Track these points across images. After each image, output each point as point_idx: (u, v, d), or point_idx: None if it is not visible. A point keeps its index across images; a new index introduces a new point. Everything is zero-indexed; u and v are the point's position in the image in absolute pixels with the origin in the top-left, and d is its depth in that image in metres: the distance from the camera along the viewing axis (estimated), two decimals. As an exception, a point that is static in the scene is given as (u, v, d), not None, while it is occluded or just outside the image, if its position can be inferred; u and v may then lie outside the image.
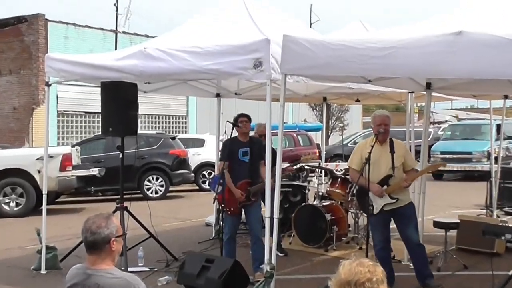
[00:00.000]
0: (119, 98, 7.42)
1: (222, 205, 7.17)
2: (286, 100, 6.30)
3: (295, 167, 9.00)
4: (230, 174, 7.18)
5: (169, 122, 29.96)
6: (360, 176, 6.36)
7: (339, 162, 21.41)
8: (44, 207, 7.83)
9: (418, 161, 7.46)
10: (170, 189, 17.56)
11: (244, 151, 7.18)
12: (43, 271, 7.82)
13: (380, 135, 6.38)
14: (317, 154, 20.98)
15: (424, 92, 7.87)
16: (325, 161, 13.94)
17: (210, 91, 10.20)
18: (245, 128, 7.24)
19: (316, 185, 9.80)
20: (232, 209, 7.20)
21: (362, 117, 43.14)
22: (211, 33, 7.00)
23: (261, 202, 7.17)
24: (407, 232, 6.41)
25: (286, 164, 8.49)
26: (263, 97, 6.16)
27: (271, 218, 5.92)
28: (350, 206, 9.29)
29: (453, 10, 5.98)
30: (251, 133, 7.73)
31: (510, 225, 7.69)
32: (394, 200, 6.40)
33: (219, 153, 7.82)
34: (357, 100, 11.04)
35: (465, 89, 8.10)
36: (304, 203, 9.60)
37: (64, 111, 25.36)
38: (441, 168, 7.96)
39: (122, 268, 6.69)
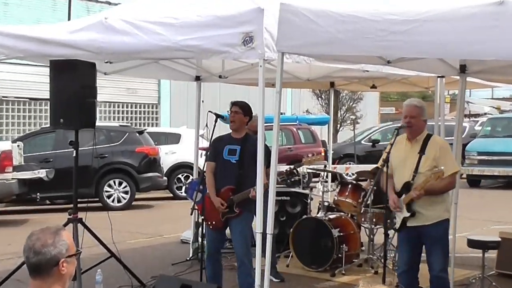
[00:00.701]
0: (73, 81, 7.44)
1: (202, 217, 7.22)
2: (284, 85, 6.33)
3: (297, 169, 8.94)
4: (214, 177, 7.26)
5: (135, 112, 30.17)
6: (388, 179, 6.49)
7: (350, 164, 21.71)
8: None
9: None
10: (137, 196, 17.69)
11: (231, 149, 7.22)
12: (-29, 301, 7.76)
13: (406, 129, 6.45)
14: (323, 154, 21.24)
15: (457, 77, 7.86)
16: (333, 163, 13.97)
17: (188, 73, 10.21)
18: (232, 119, 7.25)
19: (320, 193, 9.79)
20: (214, 222, 7.25)
21: (380, 108, 43.29)
22: (190, 1, 7.01)
23: (252, 214, 7.12)
24: (429, 258, 6.50)
25: (284, 167, 8.31)
26: (255, 81, 6.20)
27: (263, 234, 5.96)
28: (363, 219, 9.30)
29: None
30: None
31: None
32: (410, 214, 6.44)
33: (200, 152, 8.15)
34: (373, 86, 11.09)
35: (509, 74, 8.06)
36: (305, 216, 9.65)
37: (3, 97, 25.30)
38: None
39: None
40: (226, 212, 7.12)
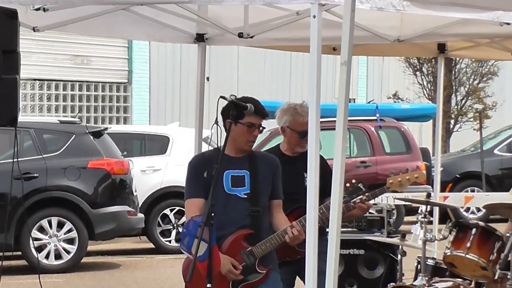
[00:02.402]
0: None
1: (209, 285, 5.94)
2: (356, 50, 6.12)
3: (373, 201, 7.93)
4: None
5: (89, 97, 23.48)
6: None
7: (474, 191, 17.41)
8: None
9: None
10: (90, 248, 14.36)
11: (235, 176, 6.33)
12: None
13: None
14: (424, 172, 16.54)
15: None
16: (442, 190, 12.85)
17: (183, 30, 8.42)
18: (253, 140, 6.32)
19: (420, 243, 7.85)
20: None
21: None
22: None
23: (278, 278, 6.32)
24: None
25: (358, 197, 6.94)
26: (302, 43, 6.32)
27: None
28: None
29: None
30: (270, 126, 7.37)
31: None
32: None
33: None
34: None
35: None
36: (392, 284, 7.95)
37: None
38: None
39: None
40: (240, 279, 6.17)
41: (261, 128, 6.33)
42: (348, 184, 6.73)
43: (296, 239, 5.91)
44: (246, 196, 6.34)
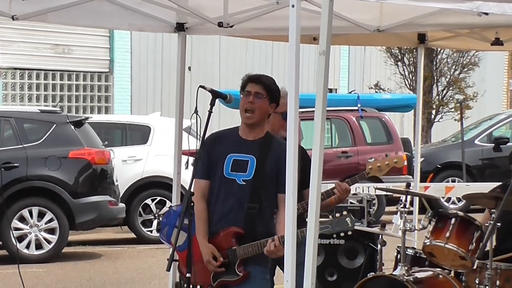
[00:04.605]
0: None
1: (189, 274, 5.92)
2: (336, 40, 6.42)
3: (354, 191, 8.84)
4: (207, 209, 6.15)
5: (70, 86, 23.39)
6: None
7: (455, 182, 17.42)
8: None
9: None
10: (71, 238, 14.30)
11: (238, 160, 6.13)
12: None
13: None
14: (404, 158, 16.29)
15: None
16: (423, 180, 12.71)
17: (164, 19, 8.44)
18: (247, 106, 6.04)
19: (400, 233, 7.90)
20: (204, 285, 6.26)
21: (510, 80, 32.75)
22: None
23: (267, 271, 6.23)
24: None
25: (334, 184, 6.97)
26: (282, 33, 6.24)
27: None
28: (478, 280, 7.42)
29: None
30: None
31: None
32: None
33: (185, 159, 7.25)
34: (497, 42, 8.99)
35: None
36: (372, 273, 7.92)
37: None
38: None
39: None
40: (220, 272, 6.09)
41: (259, 95, 6.09)
42: (338, 215, 6.62)
43: (272, 253, 5.81)
44: (245, 183, 6.15)
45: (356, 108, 18.19)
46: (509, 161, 12.39)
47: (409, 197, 8.55)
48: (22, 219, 13.28)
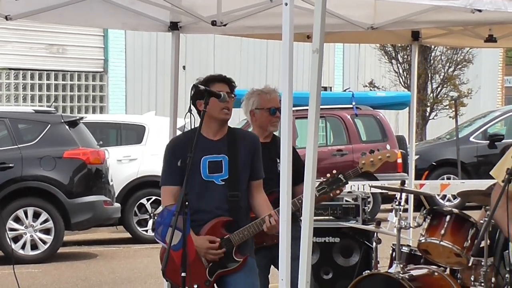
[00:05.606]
0: None
1: (184, 273, 5.79)
2: (330, 38, 6.46)
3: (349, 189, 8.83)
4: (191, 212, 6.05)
5: (65, 86, 23.66)
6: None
7: (450, 179, 17.41)
8: None
9: None
10: (66, 238, 14.19)
11: (212, 161, 6.18)
12: None
13: None
14: (399, 157, 16.33)
15: None
16: (418, 177, 12.75)
17: (158, 18, 8.42)
18: (224, 108, 6.12)
19: (395, 231, 7.86)
20: (201, 283, 6.19)
21: (504, 78, 32.55)
22: None
23: (254, 265, 6.27)
24: None
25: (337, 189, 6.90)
26: (276, 32, 6.02)
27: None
28: (473, 278, 7.45)
29: None
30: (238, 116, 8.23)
31: None
32: None
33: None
34: (490, 39, 8.93)
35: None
36: (367, 271, 7.93)
37: None
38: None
39: None
40: (219, 263, 6.07)
41: (232, 95, 6.19)
42: (329, 175, 6.67)
43: (273, 228, 5.84)
44: (223, 183, 6.20)
45: (351, 106, 18.21)
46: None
47: (404, 194, 8.53)
48: (17, 220, 13.26)
